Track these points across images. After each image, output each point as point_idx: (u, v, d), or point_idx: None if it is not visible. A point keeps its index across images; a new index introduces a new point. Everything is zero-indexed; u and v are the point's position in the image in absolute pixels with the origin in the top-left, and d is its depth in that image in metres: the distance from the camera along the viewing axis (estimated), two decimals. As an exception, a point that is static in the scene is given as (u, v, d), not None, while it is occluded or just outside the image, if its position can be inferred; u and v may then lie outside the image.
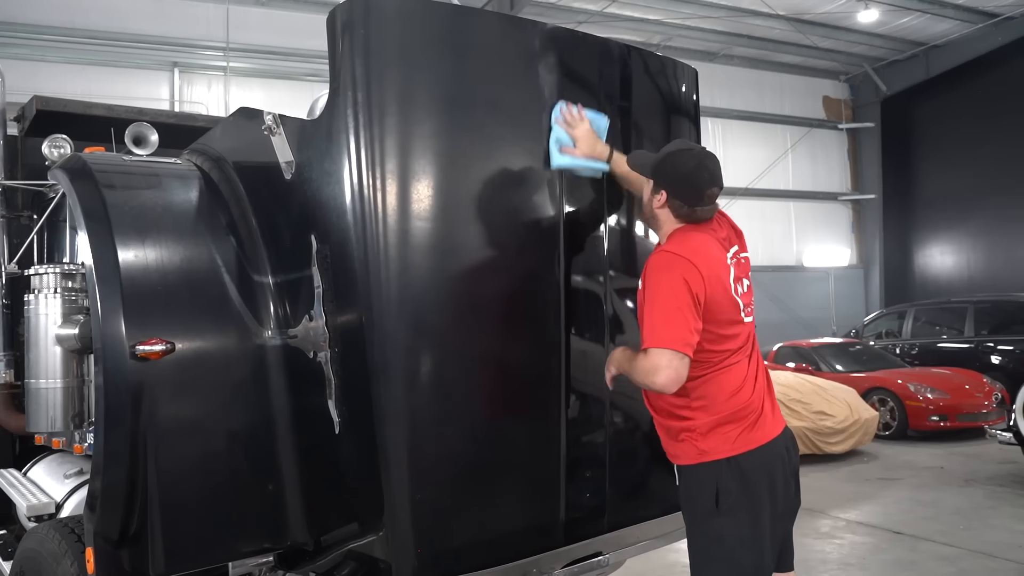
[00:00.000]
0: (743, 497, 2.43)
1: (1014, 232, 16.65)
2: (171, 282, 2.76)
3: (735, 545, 2.42)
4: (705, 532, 2.48)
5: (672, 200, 2.48)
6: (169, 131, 3.85)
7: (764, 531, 2.46)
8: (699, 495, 2.47)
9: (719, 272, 2.44)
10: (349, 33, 2.40)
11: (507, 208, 2.60)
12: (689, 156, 2.51)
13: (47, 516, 3.29)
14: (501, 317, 2.61)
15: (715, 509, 2.42)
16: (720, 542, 2.44)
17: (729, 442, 2.45)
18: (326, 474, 2.69)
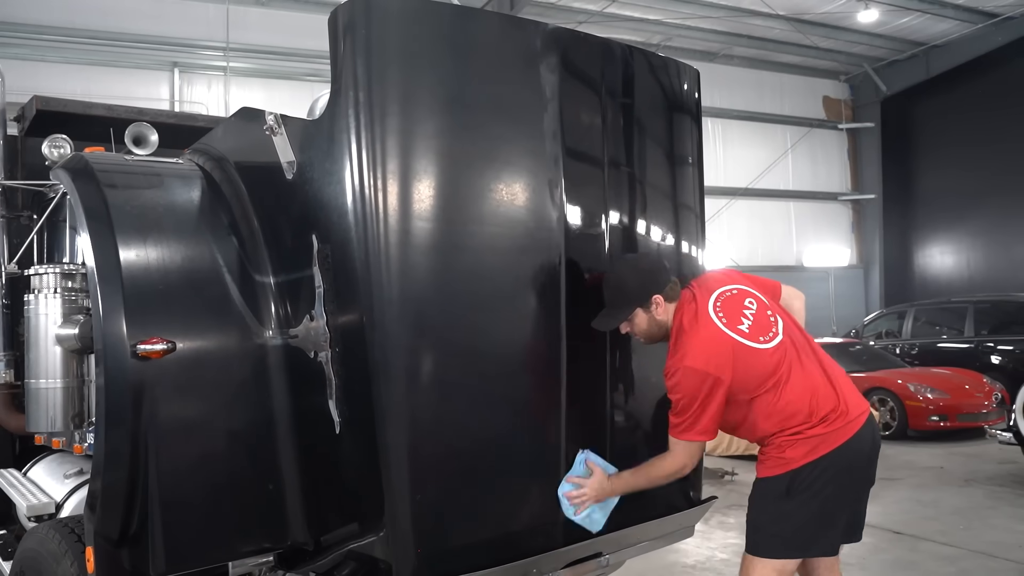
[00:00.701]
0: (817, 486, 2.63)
1: (1014, 232, 16.65)
2: (172, 281, 2.76)
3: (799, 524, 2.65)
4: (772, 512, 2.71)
5: (660, 295, 2.73)
6: (169, 131, 3.85)
7: (834, 514, 2.66)
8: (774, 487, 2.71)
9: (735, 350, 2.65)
10: (351, 33, 2.40)
11: (508, 208, 2.60)
12: (631, 267, 2.81)
13: (47, 516, 3.28)
14: (502, 317, 2.62)
15: (786, 495, 2.64)
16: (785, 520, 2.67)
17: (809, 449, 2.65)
18: (326, 474, 2.69)
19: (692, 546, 5.51)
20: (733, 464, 8.24)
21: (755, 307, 2.76)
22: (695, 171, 3.29)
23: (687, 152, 3.27)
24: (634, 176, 3.02)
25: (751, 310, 2.74)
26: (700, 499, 3.25)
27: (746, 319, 2.70)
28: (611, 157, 2.88)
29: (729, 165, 17.23)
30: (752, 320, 2.71)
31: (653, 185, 3.11)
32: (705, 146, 3.42)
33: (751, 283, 2.90)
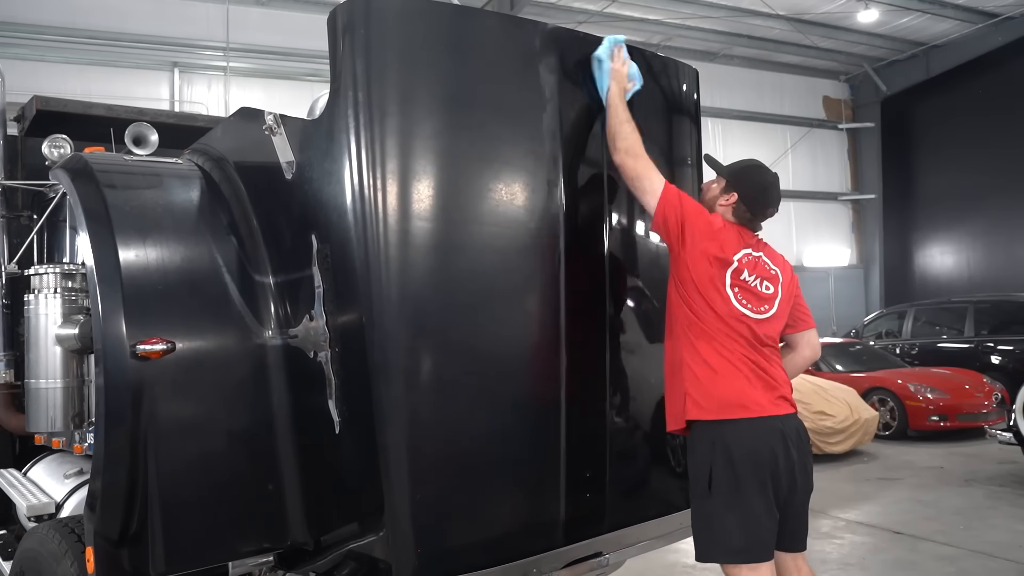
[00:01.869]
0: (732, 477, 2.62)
1: (1014, 232, 16.65)
2: (172, 282, 2.76)
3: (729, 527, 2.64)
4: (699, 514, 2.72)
5: (740, 204, 2.83)
6: (169, 131, 3.85)
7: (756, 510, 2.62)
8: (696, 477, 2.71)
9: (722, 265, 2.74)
10: (350, 33, 2.40)
11: (508, 208, 2.60)
12: (768, 175, 2.93)
13: (47, 516, 3.28)
14: (501, 317, 2.62)
15: (708, 492, 2.64)
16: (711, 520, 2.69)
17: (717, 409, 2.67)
18: (326, 474, 2.69)
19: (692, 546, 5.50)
20: (733, 464, 8.22)
21: (772, 291, 2.81)
22: (694, 171, 3.30)
23: (686, 152, 3.27)
24: (634, 176, 3.02)
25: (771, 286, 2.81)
26: (700, 499, 3.24)
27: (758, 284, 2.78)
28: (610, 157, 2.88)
29: (729, 165, 17.21)
30: (760, 292, 2.77)
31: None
32: (705, 146, 3.41)
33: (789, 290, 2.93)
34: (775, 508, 2.66)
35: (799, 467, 2.72)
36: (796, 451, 2.70)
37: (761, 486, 2.61)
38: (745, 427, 2.63)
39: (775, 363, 2.78)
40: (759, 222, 2.88)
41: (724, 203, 2.86)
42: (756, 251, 2.82)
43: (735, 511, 2.61)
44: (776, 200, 2.89)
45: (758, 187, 2.88)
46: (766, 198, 2.87)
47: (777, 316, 2.82)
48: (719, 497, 2.62)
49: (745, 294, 2.73)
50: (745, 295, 2.73)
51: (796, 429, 2.75)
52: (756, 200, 2.85)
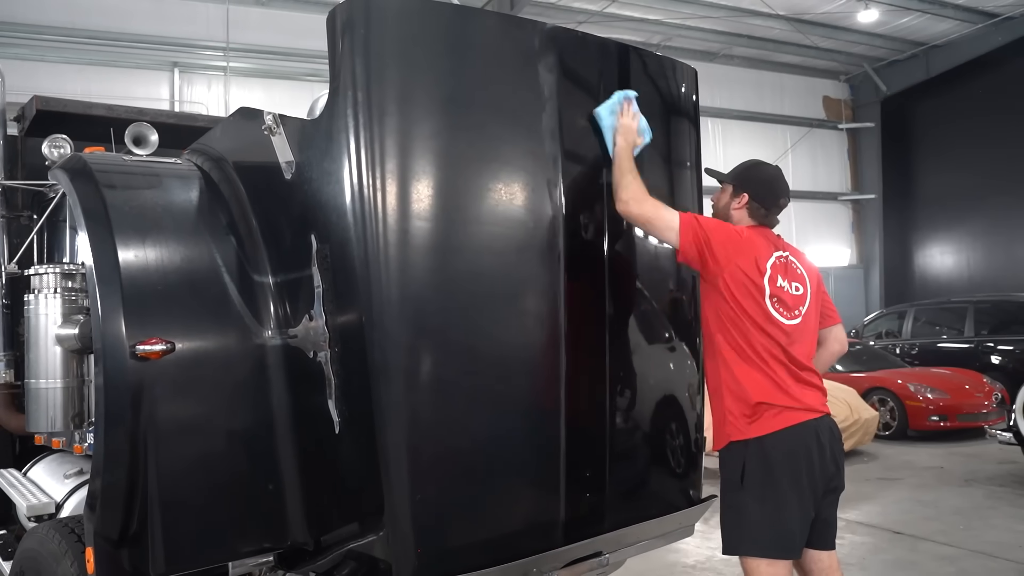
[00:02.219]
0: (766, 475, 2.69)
1: (1014, 232, 16.65)
2: (171, 282, 2.76)
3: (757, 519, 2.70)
4: (729, 505, 2.79)
5: (752, 203, 2.89)
6: (169, 131, 3.85)
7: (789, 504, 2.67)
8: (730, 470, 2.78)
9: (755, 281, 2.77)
10: (349, 33, 2.40)
11: (507, 208, 2.60)
12: (770, 168, 3.01)
13: (47, 516, 3.29)
14: (501, 317, 2.61)
15: (739, 484, 2.71)
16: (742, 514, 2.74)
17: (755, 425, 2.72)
18: (326, 474, 2.69)
19: (692, 546, 5.51)
20: (733, 464, 8.22)
21: (800, 288, 2.84)
22: (693, 172, 3.29)
23: (685, 152, 3.27)
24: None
25: (800, 286, 2.84)
26: (700, 498, 3.25)
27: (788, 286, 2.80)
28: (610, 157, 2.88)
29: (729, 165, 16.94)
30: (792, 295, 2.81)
31: (651, 185, 3.10)
32: (705, 146, 3.42)
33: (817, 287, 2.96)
34: (811, 507, 2.71)
35: (833, 465, 2.77)
36: (830, 450, 2.76)
37: (795, 482, 2.66)
38: (782, 434, 2.69)
39: (809, 366, 2.81)
40: (775, 216, 2.92)
41: (737, 206, 2.91)
42: (783, 251, 2.86)
43: (767, 503, 2.67)
44: (785, 190, 2.93)
45: (765, 181, 2.93)
46: (776, 189, 2.92)
47: (808, 316, 2.85)
48: (752, 489, 2.68)
49: (780, 302, 2.76)
50: (780, 304, 2.76)
51: (829, 428, 2.80)
52: (767, 194, 2.89)
